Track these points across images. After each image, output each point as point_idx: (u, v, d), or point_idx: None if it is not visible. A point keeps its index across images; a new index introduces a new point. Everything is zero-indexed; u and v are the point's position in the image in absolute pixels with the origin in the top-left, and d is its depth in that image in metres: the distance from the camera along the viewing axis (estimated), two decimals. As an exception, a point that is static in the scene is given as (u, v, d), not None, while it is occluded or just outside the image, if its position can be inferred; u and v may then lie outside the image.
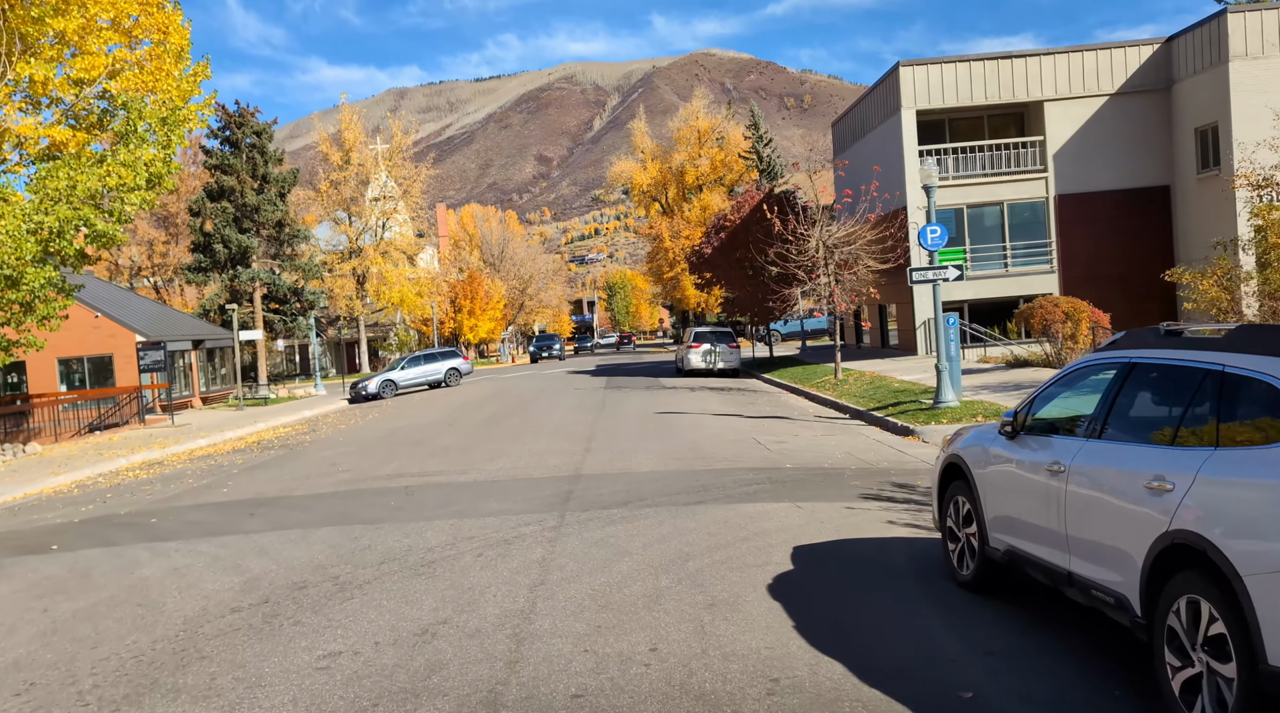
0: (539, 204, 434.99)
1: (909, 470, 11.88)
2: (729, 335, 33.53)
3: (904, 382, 21.72)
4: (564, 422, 19.52)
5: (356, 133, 55.81)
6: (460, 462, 14.49)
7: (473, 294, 64.76)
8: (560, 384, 32.85)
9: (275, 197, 39.69)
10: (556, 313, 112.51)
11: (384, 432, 20.81)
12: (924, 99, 28.34)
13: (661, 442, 15.31)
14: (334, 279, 55.67)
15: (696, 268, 36.32)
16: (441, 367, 37.94)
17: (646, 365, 43.40)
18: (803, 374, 28.34)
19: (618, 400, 24.21)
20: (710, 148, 70.07)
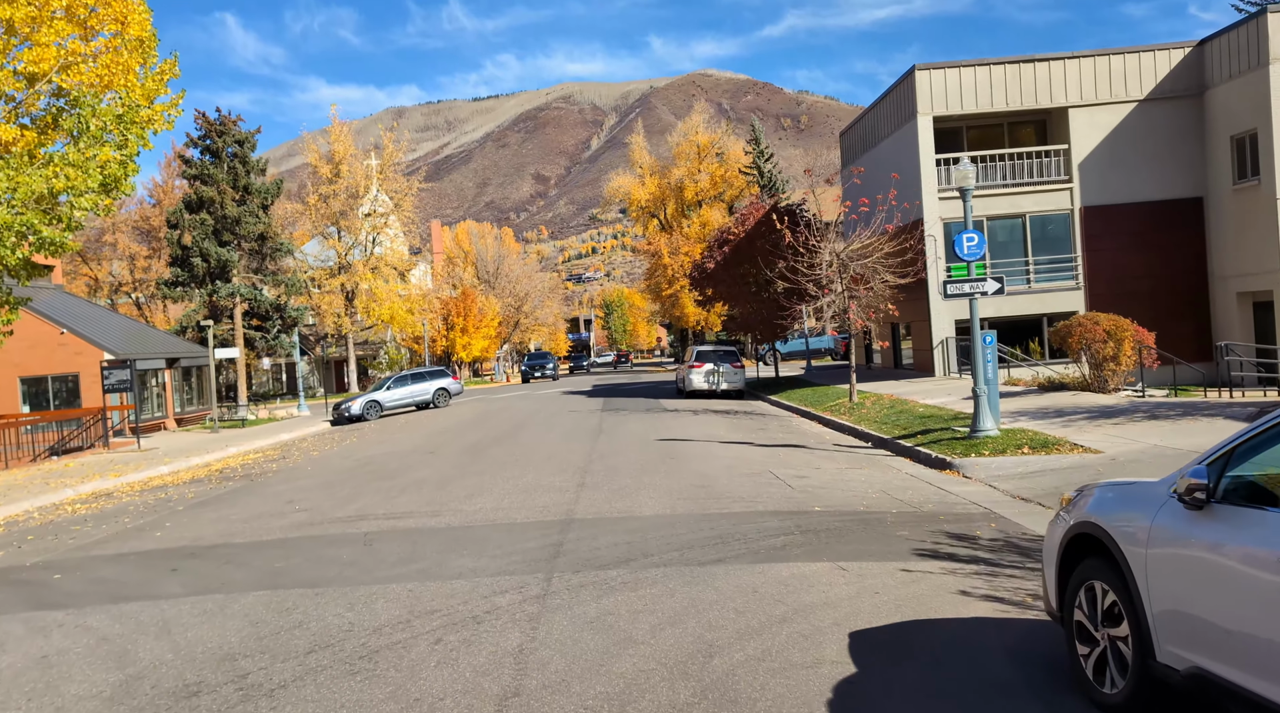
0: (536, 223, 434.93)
1: (960, 515, 10.04)
2: (733, 354, 31.73)
3: (928, 406, 19.90)
4: (556, 450, 17.65)
5: (347, 146, 54.16)
6: (435, 500, 12.61)
7: (466, 311, 62.95)
8: (554, 406, 30.99)
9: (257, 208, 37.95)
10: (553, 331, 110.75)
11: (358, 460, 18.91)
12: (941, 104, 26.70)
13: (666, 476, 13.44)
14: (322, 295, 53.90)
15: (698, 284, 34.56)
16: (430, 387, 36.06)
17: (645, 386, 41.56)
18: (813, 396, 26.51)
19: (615, 425, 22.35)
20: (710, 163, 68.59)
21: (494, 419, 27.16)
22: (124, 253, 52.44)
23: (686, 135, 69.41)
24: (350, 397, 36.32)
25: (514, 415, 27.99)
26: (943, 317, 27.12)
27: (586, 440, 19.00)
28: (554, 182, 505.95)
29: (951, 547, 8.46)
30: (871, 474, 13.38)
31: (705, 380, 31.00)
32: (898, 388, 25.31)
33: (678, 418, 23.51)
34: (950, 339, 27.13)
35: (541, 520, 10.51)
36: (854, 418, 20.21)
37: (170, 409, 35.12)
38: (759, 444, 17.29)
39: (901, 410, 19.72)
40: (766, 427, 21.00)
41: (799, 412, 24.37)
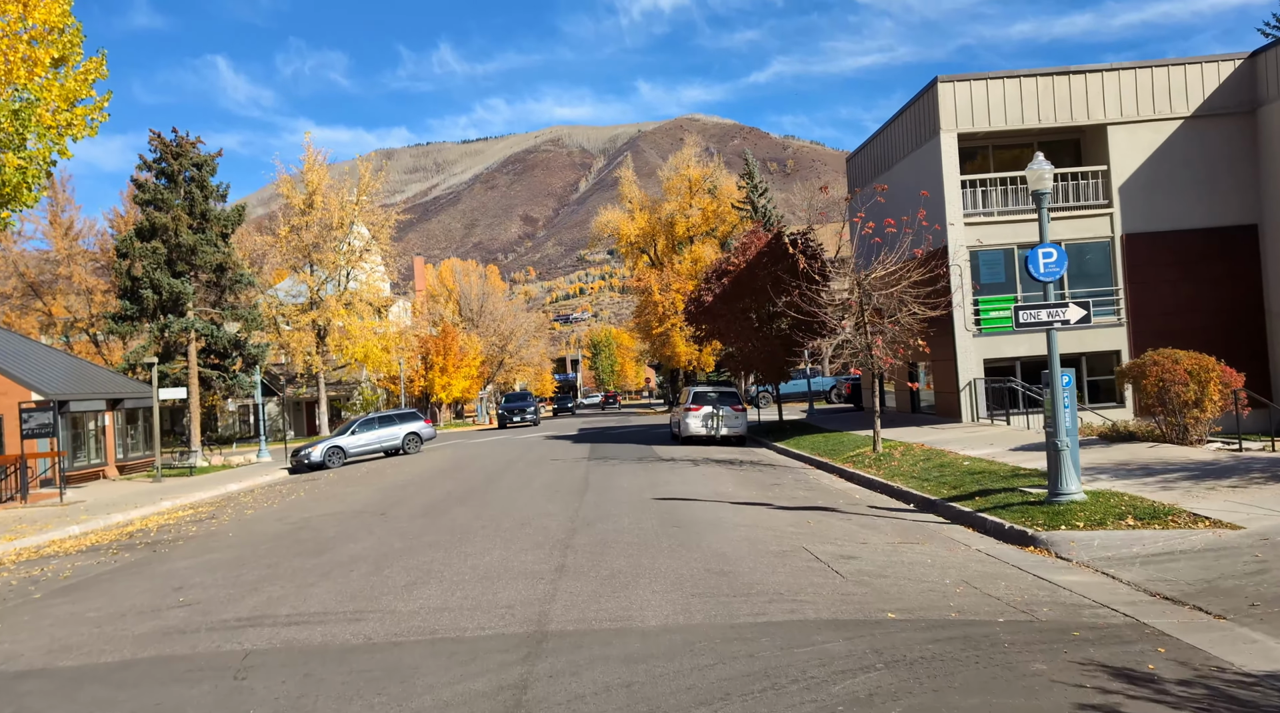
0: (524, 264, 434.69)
1: (1100, 629, 7.02)
2: (733, 396, 28.74)
3: (972, 459, 16.92)
4: (533, 512, 14.53)
5: (321, 175, 51.46)
6: (363, 590, 9.48)
7: (446, 350, 59.89)
8: (535, 453, 27.85)
9: (216, 237, 34.93)
10: (538, 371, 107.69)
11: (294, 523, 15.70)
12: (966, 121, 24.14)
13: (672, 554, 10.36)
14: (292, 333, 50.77)
15: (694, 319, 31.68)
16: (399, 431, 32.83)
17: (635, 430, 38.45)
18: (827, 444, 23.51)
19: (605, 478, 19.24)
20: (701, 198, 66.21)
21: (466, 469, 23.99)
22: (80, 287, 49.23)
23: (678, 169, 67.09)
24: (313, 441, 33.05)
25: (489, 465, 24.83)
26: (970, 355, 24.28)
27: (570, 499, 15.88)
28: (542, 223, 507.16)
29: (1130, 699, 5.42)
30: (936, 553, 10.34)
31: (703, 425, 27.98)
32: (924, 436, 22.34)
33: (676, 470, 20.43)
34: (978, 381, 24.27)
35: (501, 634, 7.39)
36: (884, 472, 17.20)
37: (111, 455, 31.72)
38: (779, 506, 14.23)
39: (941, 464, 16.73)
40: (781, 481, 17.94)
41: (813, 463, 21.33)
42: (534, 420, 51.22)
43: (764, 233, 30.29)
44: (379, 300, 54.89)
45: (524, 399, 55.60)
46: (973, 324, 24.44)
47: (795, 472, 19.95)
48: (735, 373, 31.46)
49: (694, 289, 61.37)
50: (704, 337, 32.56)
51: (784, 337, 29.45)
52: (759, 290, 29.61)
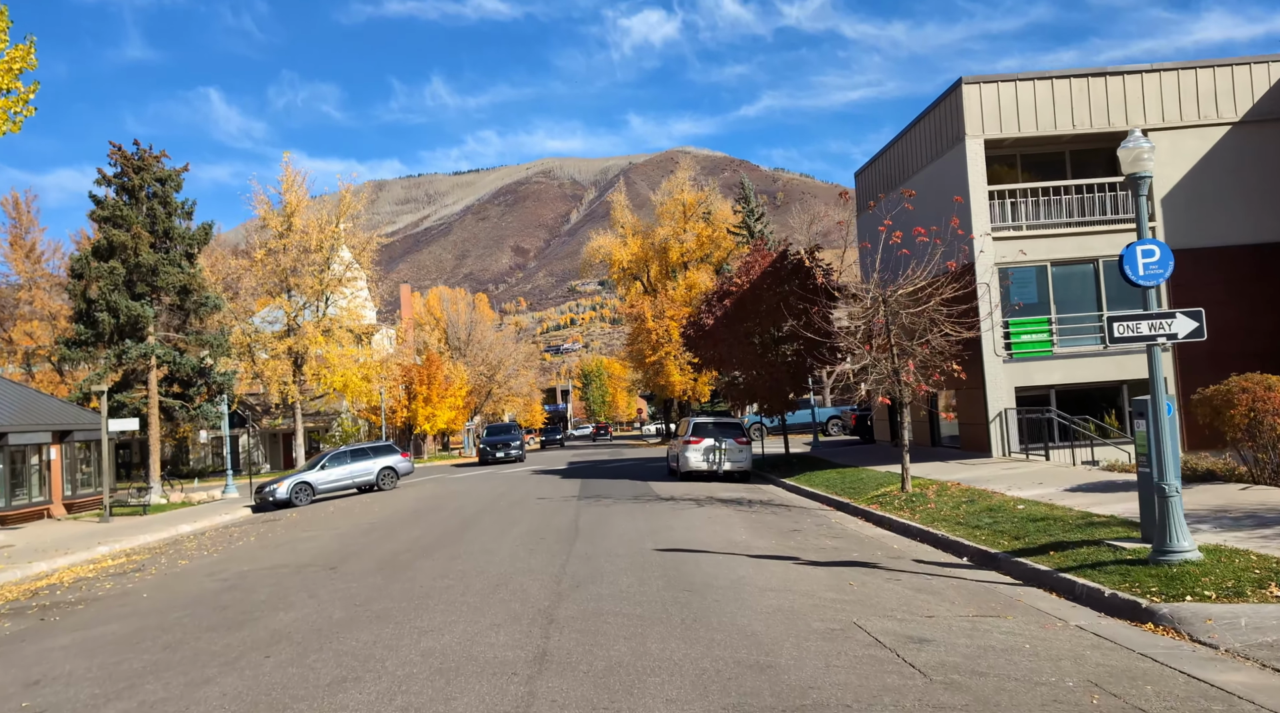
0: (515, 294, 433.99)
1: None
2: (737, 428, 26.37)
3: (1025, 500, 14.56)
4: (510, 569, 12.07)
5: (299, 196, 49.11)
6: (272, 689, 7.01)
7: (430, 379, 57.39)
8: (520, 490, 25.36)
9: (180, 257, 32.56)
10: (528, 402, 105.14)
11: (223, 581, 13.17)
12: (994, 125, 22.07)
13: (689, 636, 7.92)
14: (267, 361, 48.20)
15: (693, 344, 29.37)
16: (373, 466, 30.28)
17: (629, 464, 35.97)
18: (842, 481, 21.13)
19: (596, 522, 16.79)
20: (696, 223, 64.28)
21: (441, 509, 21.47)
22: (44, 312, 46.69)
23: (671, 194, 65.24)
24: (280, 477, 30.44)
25: (467, 504, 22.33)
26: (1000, 383, 21.99)
27: (556, 550, 13.42)
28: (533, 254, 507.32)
29: None
30: (1030, 632, 7.94)
31: (704, 459, 25.56)
32: (955, 472, 19.97)
33: (678, 511, 17.99)
34: (1010, 411, 21.97)
35: (447, 785, 4.94)
36: (920, 516, 14.81)
37: (57, 493, 29.05)
38: (808, 561, 11.81)
39: (989, 507, 14.35)
40: (800, 526, 15.53)
41: (832, 503, 18.92)
42: (519, 456, 43.65)
43: (768, 252, 28.10)
44: (360, 327, 52.38)
45: (507, 432, 47.00)
46: (1003, 348, 22.20)
47: (813, 514, 17.53)
48: (737, 403, 29.08)
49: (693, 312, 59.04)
50: (703, 363, 30.23)
51: (791, 363, 27.17)
52: (763, 313, 27.37)
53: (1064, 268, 22.27)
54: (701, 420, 26.50)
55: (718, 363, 28.96)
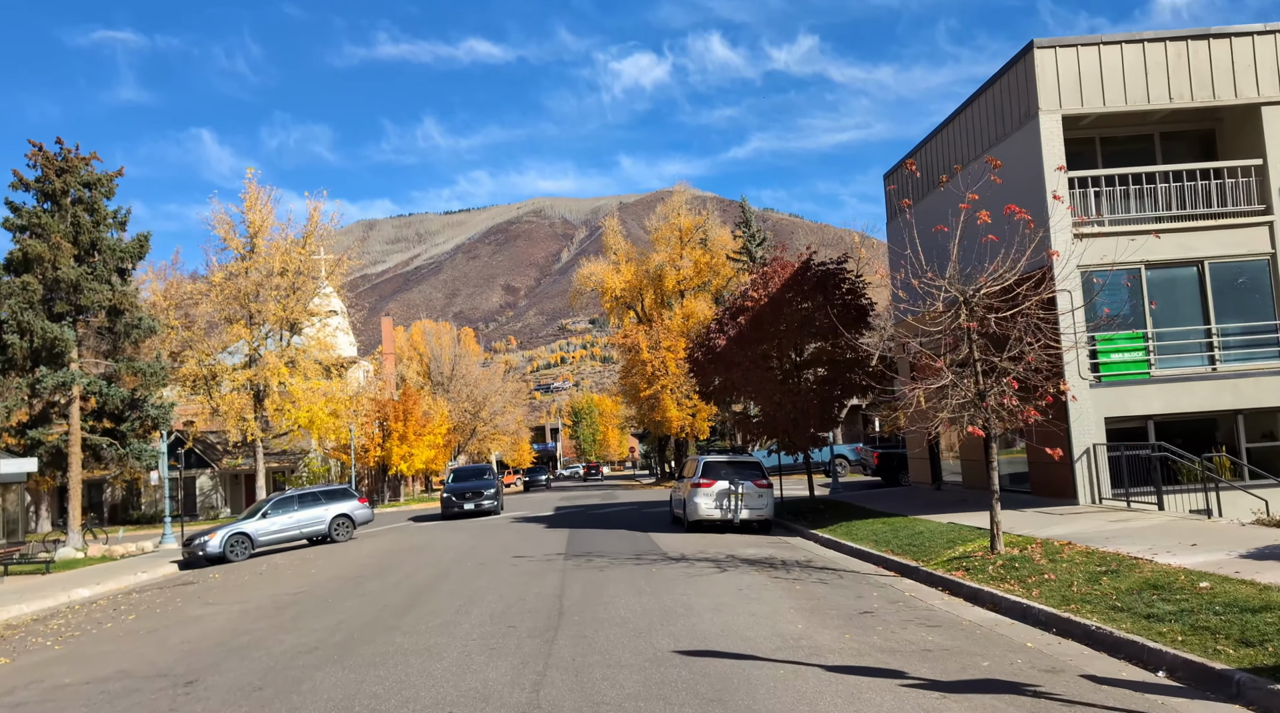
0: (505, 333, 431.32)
1: None
2: (756, 469, 22.06)
3: (1196, 572, 10.30)
4: (452, 694, 7.71)
5: (264, 216, 45.05)
6: None
7: (406, 415, 52.90)
8: (494, 544, 20.94)
9: (110, 272, 28.30)
10: (515, 440, 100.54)
11: (17, 704, 8.74)
12: (1073, 99, 18.14)
13: None
14: (226, 395, 43.72)
15: (700, 369, 25.15)
16: (325, 514, 25.77)
17: (624, 509, 31.51)
18: (895, 535, 16.85)
19: (589, 598, 12.41)
20: (693, 249, 60.46)
21: (391, 573, 17.02)
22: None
23: (667, 218, 61.48)
24: (215, 526, 25.85)
25: (426, 565, 17.88)
26: (1087, 412, 17.80)
27: (529, 654, 9.05)
28: (523, 292, 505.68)
29: None
30: None
31: (717, 507, 21.21)
32: (1048, 526, 15.72)
33: (694, 578, 13.65)
34: (1099, 447, 17.75)
35: None
36: (1044, 595, 10.51)
37: (-54, 546, 24.43)
38: (922, 680, 7.49)
39: (1150, 583, 10.07)
40: (870, 605, 11.22)
41: (893, 566, 14.59)
42: (492, 507, 32.21)
43: (788, 261, 24.02)
44: (330, 359, 47.97)
45: (479, 476, 34.92)
46: (1089, 370, 18.06)
47: (876, 584, 13.21)
48: (752, 438, 24.75)
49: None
50: (713, 392, 25.98)
51: (816, 390, 22.97)
52: (784, 333, 23.26)
53: (1161, 272, 18.21)
54: (714, 459, 22.19)
55: (729, 391, 24.77)
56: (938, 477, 25.42)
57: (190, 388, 44.58)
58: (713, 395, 26.17)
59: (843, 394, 23.14)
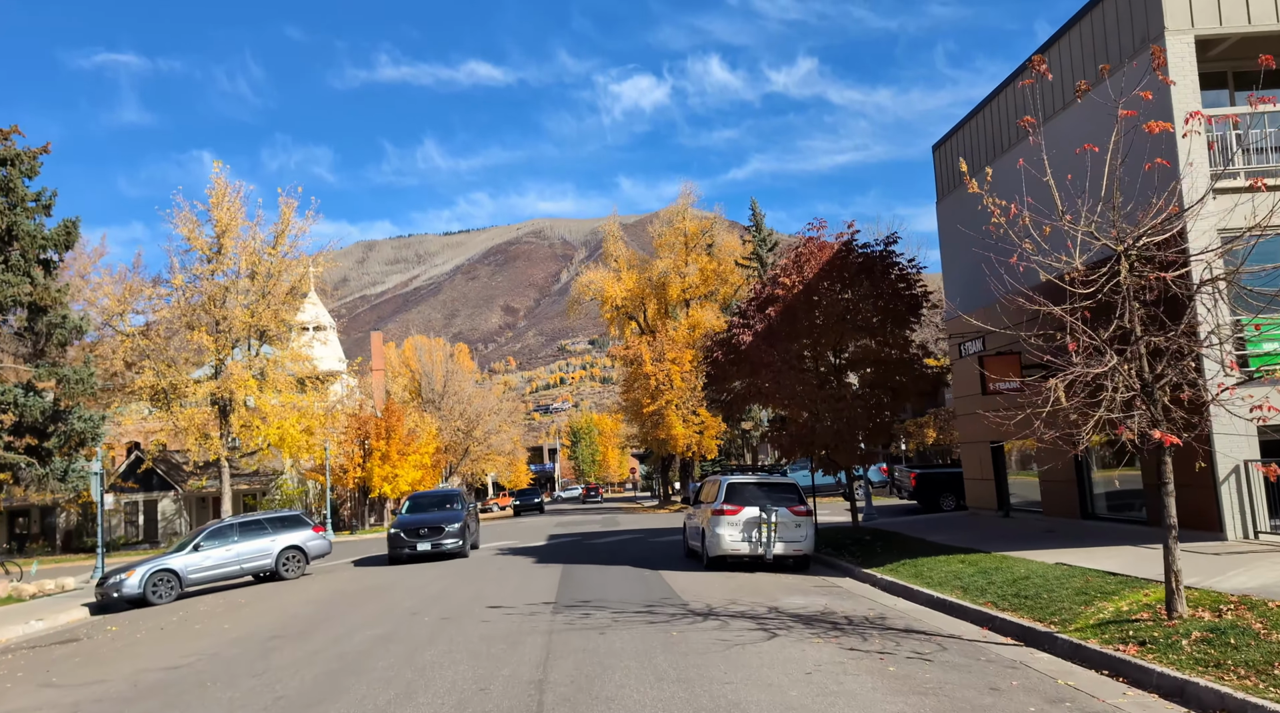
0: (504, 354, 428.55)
1: None
2: (791, 492, 17.94)
3: None
4: None
5: (232, 214, 41.04)
6: None
7: (389, 432, 48.69)
8: (465, 589, 16.79)
9: (29, 264, 24.34)
10: (511, 461, 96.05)
11: None
12: (1207, 17, 14.22)
13: None
14: (186, 410, 39.56)
15: (720, 372, 21.03)
16: (271, 545, 21.58)
17: (628, 538, 27.31)
18: (986, 580, 12.78)
19: (585, 690, 8.28)
20: (699, 255, 56.55)
21: (324, 630, 12.85)
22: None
23: (671, 223, 57.59)
24: (139, 560, 21.57)
25: (372, 620, 13.71)
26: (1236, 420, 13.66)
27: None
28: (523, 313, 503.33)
29: None
30: None
31: (745, 538, 17.10)
32: (1221, 572, 11.60)
33: (733, 651, 9.52)
34: (1250, 465, 13.65)
35: None
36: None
37: None
38: None
39: None
40: (1024, 709, 7.08)
41: (1012, 629, 10.44)
42: (456, 548, 23.47)
43: (827, 242, 19.98)
44: (305, 371, 43.80)
45: (443, 505, 25.81)
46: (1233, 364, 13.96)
47: (995, 658, 9.09)
48: (785, 454, 20.55)
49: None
50: (731, 401, 21.85)
51: (863, 396, 18.86)
52: (823, 327, 19.20)
53: (1324, 236, 14.17)
54: (740, 481, 18.05)
55: (752, 398, 20.65)
56: (1004, 502, 21.21)
57: (149, 401, 40.53)
58: (730, 404, 22.03)
59: (894, 402, 19.03)
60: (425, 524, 23.63)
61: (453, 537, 23.35)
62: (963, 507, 29.41)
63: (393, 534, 23.74)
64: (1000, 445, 20.87)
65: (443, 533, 23.35)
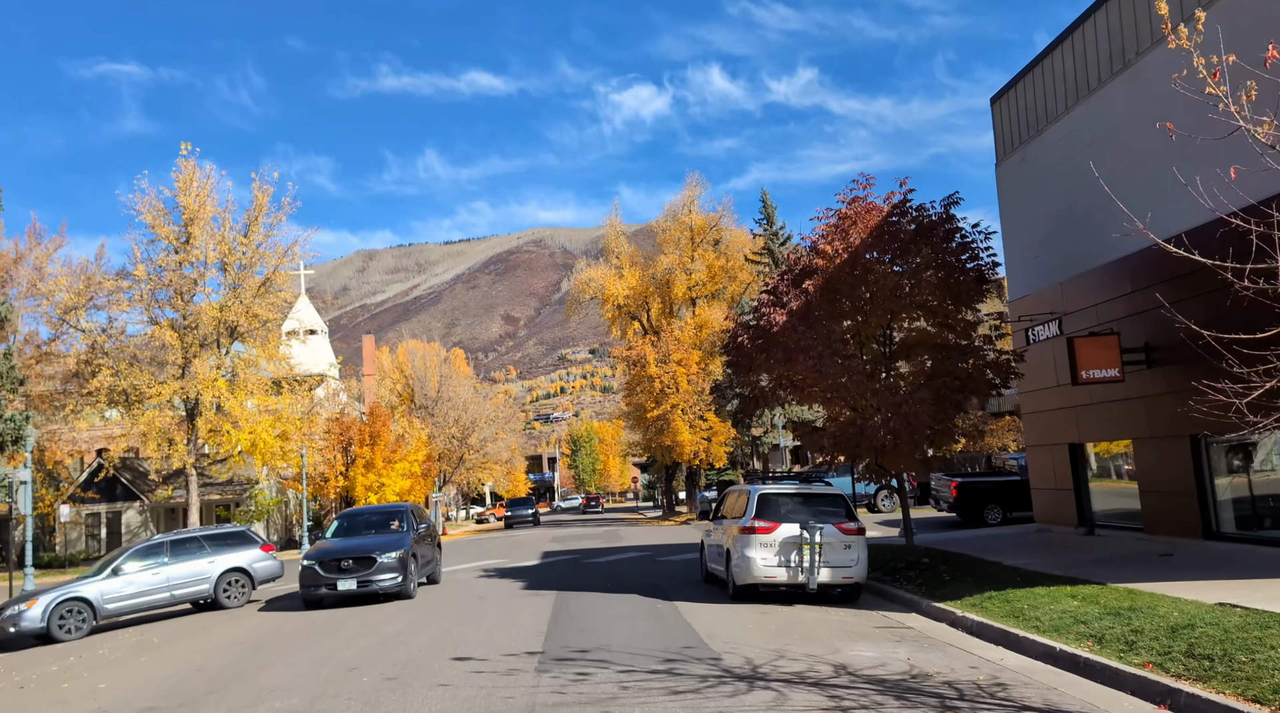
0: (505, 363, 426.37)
1: None
2: (837, 505, 14.54)
3: None
4: None
5: (202, 200, 37.68)
6: None
7: (374, 438, 45.29)
8: (435, 625, 13.35)
9: (-58, 236, 20.98)
10: (509, 469, 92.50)
11: None
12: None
13: None
14: (147, 415, 36.08)
15: (745, 360, 17.48)
16: (210, 568, 18.12)
17: (633, 556, 23.83)
18: (1123, 625, 9.41)
19: None
20: (706, 251, 53.25)
21: (235, 690, 9.41)
22: None
23: (676, 217, 54.27)
24: (47, 588, 18.07)
25: (302, 674, 10.27)
26: None
27: None
28: (523, 322, 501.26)
29: None
30: None
31: (783, 563, 13.70)
32: None
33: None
34: None
35: None
36: None
37: None
38: None
39: None
40: None
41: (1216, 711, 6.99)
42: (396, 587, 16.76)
43: (874, 203, 16.57)
44: (281, 372, 40.31)
45: (381, 527, 19.02)
46: None
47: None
48: (825, 459, 17.05)
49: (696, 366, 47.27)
50: (759, 396, 18.37)
51: (925, 388, 15.42)
52: (872, 304, 15.82)
53: None
54: (773, 491, 14.62)
55: (788, 389, 17.19)
56: (1086, 516, 17.73)
57: (106, 404, 37.12)
58: (754, 400, 18.48)
59: (962, 394, 15.61)
60: (351, 554, 16.83)
61: (389, 572, 16.54)
62: (1011, 520, 26.06)
63: (305, 568, 16.84)
64: (1081, 447, 17.44)
65: (374, 566, 16.52)
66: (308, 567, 16.87)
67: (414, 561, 17.31)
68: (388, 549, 16.92)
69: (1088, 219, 16.02)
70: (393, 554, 16.79)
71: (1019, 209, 18.46)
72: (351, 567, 16.64)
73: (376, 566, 16.62)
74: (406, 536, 17.82)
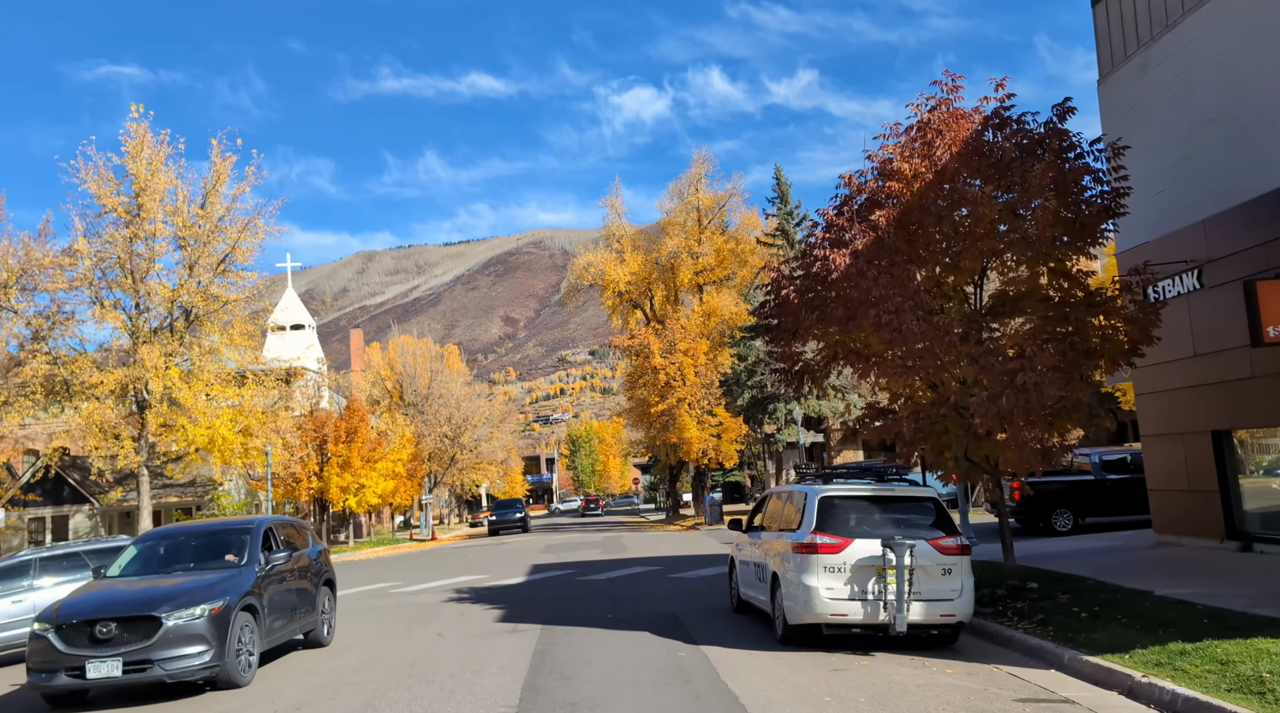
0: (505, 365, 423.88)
1: None
2: (927, 511, 10.43)
3: None
4: None
5: (155, 168, 33.51)
6: None
7: (351, 435, 41.13)
8: (379, 670, 9.21)
9: None
10: (505, 470, 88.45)
11: None
12: None
13: None
14: (86, 407, 31.90)
15: (791, 319, 13.30)
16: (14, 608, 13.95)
17: (639, 572, 19.66)
18: None
19: None
20: (714, 233, 49.18)
21: None
22: None
23: (682, 196, 50.18)
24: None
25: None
26: None
27: None
28: (523, 324, 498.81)
29: None
30: None
31: (858, 594, 9.64)
32: None
33: None
34: None
35: None
36: None
37: None
38: None
39: None
40: None
41: None
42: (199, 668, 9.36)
43: (962, 110, 12.44)
44: (246, 361, 36.03)
45: (213, 552, 11.31)
46: None
47: None
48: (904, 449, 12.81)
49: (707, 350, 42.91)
50: (805, 368, 14.15)
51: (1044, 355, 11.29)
52: (967, 242, 11.75)
53: None
54: (841, 492, 10.53)
55: (848, 357, 13.07)
56: (1234, 528, 13.54)
57: (42, 394, 32.98)
58: (799, 375, 14.23)
59: (1091, 361, 11.50)
60: (115, 611, 9.62)
61: (189, 643, 9.44)
62: (1083, 528, 22.13)
63: (36, 639, 9.59)
64: (1228, 436, 13.31)
65: (157, 634, 9.34)
66: (39, 637, 9.55)
67: (254, 617, 10.27)
68: (188, 601, 9.62)
69: (1253, 129, 11.98)
70: (196, 610, 9.52)
71: (1135, 133, 14.43)
72: (114, 635, 9.36)
73: (162, 633, 9.32)
74: (244, 573, 10.53)
